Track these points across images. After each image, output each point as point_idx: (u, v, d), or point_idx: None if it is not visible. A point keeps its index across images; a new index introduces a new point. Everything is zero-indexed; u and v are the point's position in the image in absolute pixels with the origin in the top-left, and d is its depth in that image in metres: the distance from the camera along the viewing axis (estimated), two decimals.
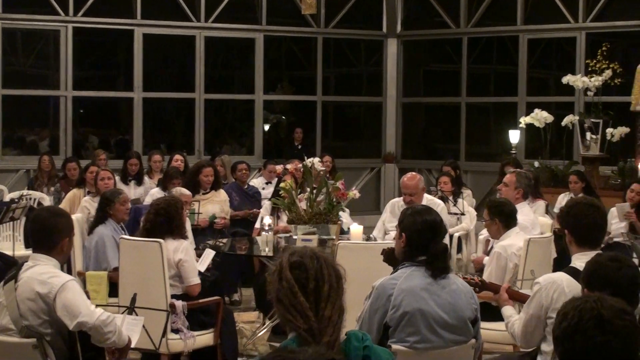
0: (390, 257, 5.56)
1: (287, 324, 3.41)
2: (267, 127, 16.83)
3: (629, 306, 3.12)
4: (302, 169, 8.76)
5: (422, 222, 4.98)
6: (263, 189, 12.29)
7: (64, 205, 10.48)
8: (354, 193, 8.80)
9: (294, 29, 16.89)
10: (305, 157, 8.92)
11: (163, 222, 6.92)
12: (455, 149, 16.77)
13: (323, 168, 8.70)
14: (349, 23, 17.15)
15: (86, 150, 15.31)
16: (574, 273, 5.03)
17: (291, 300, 3.38)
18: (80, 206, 9.83)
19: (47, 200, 11.47)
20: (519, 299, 5.83)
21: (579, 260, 5.08)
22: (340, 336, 3.43)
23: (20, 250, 9.95)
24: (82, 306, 4.96)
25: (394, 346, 4.79)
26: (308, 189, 8.62)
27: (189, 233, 8.21)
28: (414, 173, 9.29)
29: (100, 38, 15.70)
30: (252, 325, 8.73)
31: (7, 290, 5.01)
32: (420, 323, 4.86)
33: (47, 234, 5.10)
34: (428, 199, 9.04)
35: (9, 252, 9.33)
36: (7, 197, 11.53)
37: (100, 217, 8.25)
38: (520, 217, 7.59)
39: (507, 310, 5.58)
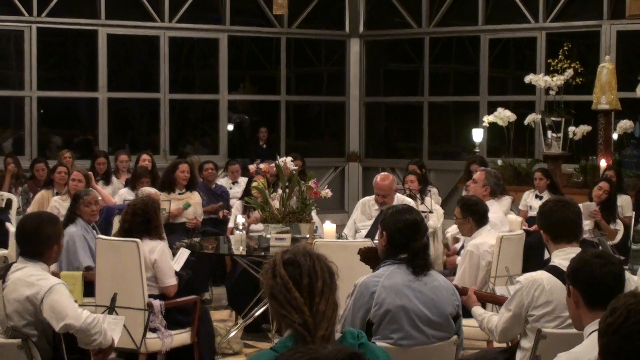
0: (367, 257, 5.61)
1: (282, 319, 3.42)
2: (230, 127, 16.81)
3: None
4: (274, 169, 8.79)
5: (402, 221, 5.02)
6: (230, 188, 12.32)
7: (33, 206, 10.46)
8: (326, 192, 8.85)
9: (258, 29, 16.87)
10: (278, 157, 8.97)
11: (141, 222, 6.92)
12: (417, 147, 16.83)
13: (296, 167, 8.72)
14: (312, 23, 17.17)
15: (50, 150, 15.19)
16: (554, 271, 5.10)
17: (286, 296, 3.39)
18: (50, 206, 9.81)
19: (15, 201, 11.41)
20: (487, 300, 5.91)
21: (558, 257, 5.15)
22: (334, 331, 3.46)
23: None
24: (70, 309, 4.96)
25: (378, 343, 4.81)
26: (280, 189, 8.66)
27: None
28: (386, 174, 9.37)
29: (64, 38, 15.59)
30: (224, 323, 8.74)
31: None
32: (403, 320, 4.89)
33: (36, 241, 5.10)
34: (399, 198, 9.13)
35: None
36: None
37: (70, 216, 8.26)
38: (490, 215, 7.66)
39: (477, 309, 5.64)
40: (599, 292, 3.84)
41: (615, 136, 13.47)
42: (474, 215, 7.40)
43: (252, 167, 9.53)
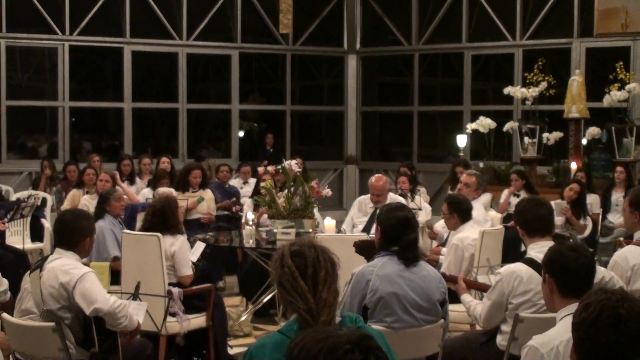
0: (362, 249, 5.63)
1: (288, 305, 3.42)
2: (241, 134, 16.82)
3: (585, 291, 3.16)
4: (280, 171, 8.80)
5: (395, 218, 5.03)
6: (241, 188, 12.32)
7: (66, 204, 10.46)
8: (327, 191, 8.86)
9: (266, 47, 16.87)
10: (283, 160, 8.97)
11: (159, 222, 6.93)
12: (408, 151, 16.80)
13: (299, 169, 8.71)
14: (314, 41, 17.16)
15: (81, 154, 15.19)
16: (530, 263, 5.10)
17: (292, 284, 3.39)
18: (81, 204, 9.82)
19: (50, 200, 11.42)
20: (474, 287, 5.91)
21: (534, 250, 5.15)
22: (335, 316, 3.45)
23: (28, 244, 9.91)
24: (99, 294, 4.97)
25: (373, 326, 4.81)
26: (286, 189, 8.66)
27: None
28: (380, 175, 9.36)
29: (93, 54, 15.58)
30: (236, 309, 8.73)
31: (33, 278, 5.02)
32: (395, 305, 4.90)
33: (70, 234, 5.13)
34: (392, 197, 9.14)
35: (18, 246, 9.30)
36: (13, 197, 11.46)
37: (99, 212, 8.29)
38: (473, 212, 7.67)
39: (466, 297, 5.64)
40: (572, 281, 3.83)
41: (584, 142, 13.46)
42: (459, 212, 7.41)
43: (260, 169, 9.54)
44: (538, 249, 5.06)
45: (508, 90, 14.05)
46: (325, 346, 2.30)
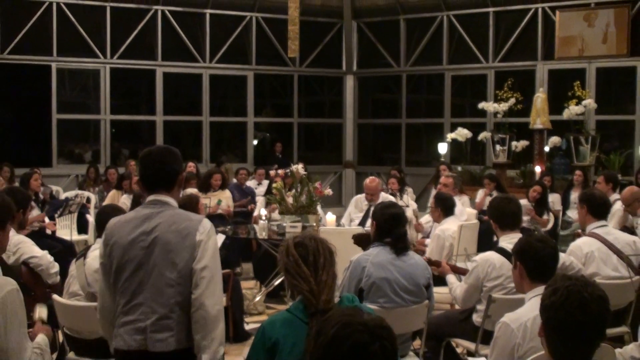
0: (359, 240, 5.62)
1: (294, 288, 3.42)
2: (255, 142, 16.80)
3: (550, 276, 3.14)
4: (289, 175, 8.79)
5: (388, 214, 5.02)
6: (256, 188, 12.30)
7: (106, 202, 10.43)
8: (328, 191, 8.84)
9: (276, 68, 16.84)
10: (292, 164, 8.96)
11: None
12: (397, 157, 16.78)
13: (305, 172, 8.70)
14: (317, 64, 17.13)
15: (119, 160, 15.18)
16: (502, 251, 5.09)
17: (296, 270, 3.39)
18: (120, 202, 9.79)
19: (94, 199, 11.40)
20: (454, 271, 5.89)
21: (504, 241, 5.14)
22: (334, 296, 3.44)
23: (75, 236, 9.90)
24: None
25: (368, 306, 4.80)
26: (294, 189, 8.64)
27: None
28: (374, 178, 9.36)
29: (130, 75, 15.55)
30: (251, 290, 8.71)
31: (78, 265, 5.01)
32: (387, 288, 4.88)
33: None
34: (384, 196, 9.12)
35: (66, 237, 9.29)
36: (63, 196, 11.45)
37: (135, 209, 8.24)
38: (455, 209, 7.65)
39: (450, 277, 5.63)
40: (539, 268, 3.82)
41: (547, 149, 13.44)
42: (443, 207, 7.41)
43: (272, 172, 9.52)
44: (508, 240, 5.05)
45: (482, 105, 14.04)
46: (342, 320, 2.28)
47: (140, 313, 3.51)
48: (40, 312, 3.81)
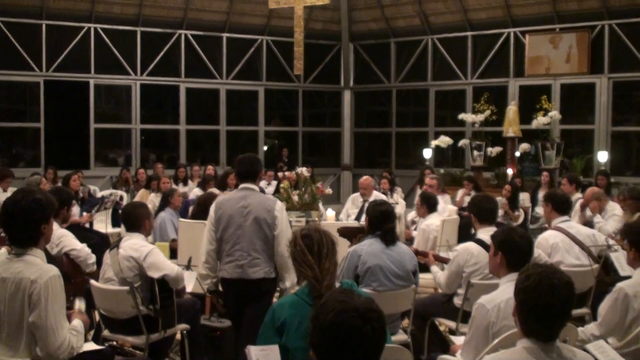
0: (344, 234, 5.65)
1: (300, 274, 3.42)
2: (265, 148, 16.80)
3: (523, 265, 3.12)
4: (295, 176, 8.77)
5: (379, 211, 5.04)
6: (266, 188, 12.27)
7: (136, 199, 10.43)
8: (328, 190, 8.83)
9: (284, 84, 16.83)
10: (296, 167, 8.94)
11: (201, 211, 6.90)
12: (388, 161, 16.75)
13: (308, 174, 8.69)
14: (319, 80, 17.13)
15: (148, 163, 15.18)
16: (480, 242, 5.08)
17: (303, 258, 3.39)
18: (148, 200, 9.79)
19: (126, 197, 11.40)
20: (440, 260, 5.89)
21: (482, 234, 5.13)
22: (335, 281, 3.44)
23: (109, 229, 9.89)
24: (165, 264, 4.96)
25: (363, 289, 4.79)
26: (298, 189, 8.63)
27: None
28: (367, 176, 9.36)
29: (158, 90, 15.55)
30: None
31: (112, 254, 5.00)
32: (379, 274, 4.89)
33: (134, 219, 5.11)
34: (376, 195, 9.10)
35: (102, 230, 9.27)
36: (99, 194, 11.44)
37: (162, 206, 8.27)
38: (438, 206, 7.65)
39: (434, 268, 5.62)
40: (517, 255, 3.79)
41: (517, 154, 13.42)
42: (427, 204, 7.41)
43: (280, 175, 9.50)
44: (485, 232, 5.04)
45: (461, 116, 14.03)
46: (338, 307, 2.25)
47: (239, 255, 4.81)
48: (80, 305, 3.81)
